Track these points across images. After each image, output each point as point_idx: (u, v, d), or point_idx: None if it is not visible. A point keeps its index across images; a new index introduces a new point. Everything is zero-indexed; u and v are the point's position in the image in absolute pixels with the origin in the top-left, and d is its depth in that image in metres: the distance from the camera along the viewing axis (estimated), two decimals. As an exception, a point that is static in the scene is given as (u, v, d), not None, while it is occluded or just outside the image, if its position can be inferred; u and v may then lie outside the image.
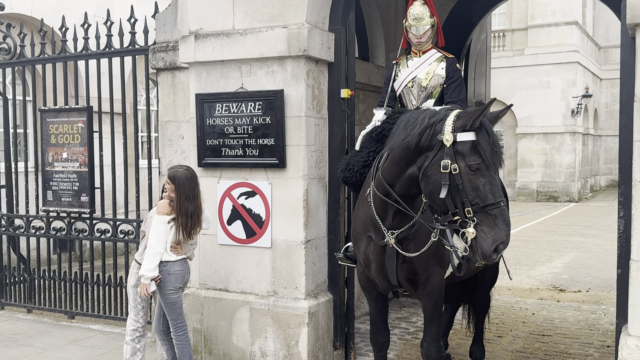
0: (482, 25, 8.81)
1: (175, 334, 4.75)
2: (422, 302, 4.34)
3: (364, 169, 4.50)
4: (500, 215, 3.42)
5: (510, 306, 7.77)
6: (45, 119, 7.08)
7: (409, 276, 4.23)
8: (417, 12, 4.72)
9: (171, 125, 6.11)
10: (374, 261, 4.28)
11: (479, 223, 3.42)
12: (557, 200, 25.77)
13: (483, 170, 3.47)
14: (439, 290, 4.27)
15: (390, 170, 3.95)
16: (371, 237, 4.27)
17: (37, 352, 6.00)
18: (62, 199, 7.02)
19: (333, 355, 5.53)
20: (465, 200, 3.45)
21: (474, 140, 3.47)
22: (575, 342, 6.24)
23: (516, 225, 16.38)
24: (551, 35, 26.09)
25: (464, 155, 3.49)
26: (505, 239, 3.42)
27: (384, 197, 4.02)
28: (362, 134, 4.75)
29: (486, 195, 3.44)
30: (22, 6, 10.42)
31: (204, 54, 5.47)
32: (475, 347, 5.48)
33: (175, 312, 4.75)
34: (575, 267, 11.04)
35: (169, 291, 4.69)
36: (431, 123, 3.64)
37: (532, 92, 25.98)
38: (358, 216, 4.43)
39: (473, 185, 3.47)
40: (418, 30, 4.74)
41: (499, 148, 3.51)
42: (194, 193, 4.63)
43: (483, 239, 3.41)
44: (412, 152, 3.72)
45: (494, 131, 3.54)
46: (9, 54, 7.48)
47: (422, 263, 4.13)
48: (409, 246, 4.10)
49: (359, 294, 6.61)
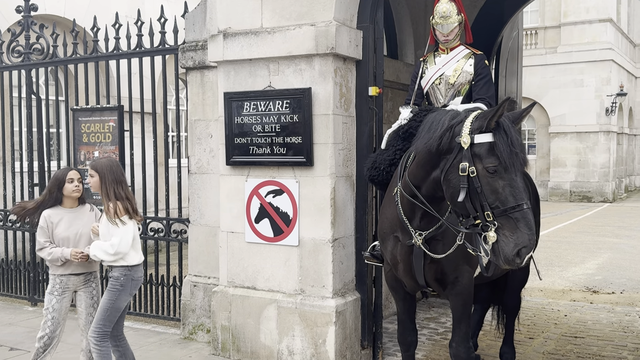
0: (513, 22, 8.68)
1: (101, 340, 4.44)
2: (451, 301, 4.28)
3: (390, 167, 4.47)
4: (522, 218, 3.32)
5: (542, 307, 7.64)
6: (78, 118, 7.19)
7: (437, 276, 4.19)
8: (444, 10, 4.66)
9: (200, 124, 6.15)
10: (402, 261, 4.24)
11: (501, 227, 3.35)
12: (590, 201, 25.32)
13: (501, 172, 3.38)
14: (468, 290, 4.21)
15: (416, 173, 3.92)
16: (398, 238, 4.23)
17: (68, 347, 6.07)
18: (94, 196, 7.10)
19: (361, 355, 5.50)
20: (484, 204, 3.39)
21: (491, 142, 3.41)
22: (609, 345, 6.11)
23: (549, 226, 16.14)
24: (585, 32, 25.65)
25: (481, 158, 3.43)
26: (528, 242, 3.31)
27: (411, 199, 3.98)
28: (388, 132, 4.72)
29: (506, 198, 3.36)
30: (55, 7, 10.61)
31: (233, 53, 5.49)
32: (505, 349, 5.40)
33: (112, 318, 4.47)
34: (609, 268, 10.82)
35: (124, 298, 4.48)
36: (451, 125, 3.60)
37: (565, 91, 25.57)
38: (385, 216, 4.39)
39: (492, 188, 3.40)
40: (445, 28, 4.68)
41: (519, 148, 3.40)
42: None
43: (505, 244, 3.33)
44: (435, 156, 3.68)
45: (514, 131, 3.43)
46: (42, 54, 7.62)
47: (450, 262, 4.08)
48: (436, 246, 4.05)
49: (387, 294, 6.56)
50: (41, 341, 4.61)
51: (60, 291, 4.58)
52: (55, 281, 4.57)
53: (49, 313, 4.58)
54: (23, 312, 7.47)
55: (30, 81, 7.73)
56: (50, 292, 4.59)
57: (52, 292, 4.58)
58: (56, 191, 4.54)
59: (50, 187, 4.59)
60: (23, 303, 7.81)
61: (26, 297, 7.83)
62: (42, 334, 4.61)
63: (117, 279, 4.43)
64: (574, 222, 18.12)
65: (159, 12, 6.59)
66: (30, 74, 7.73)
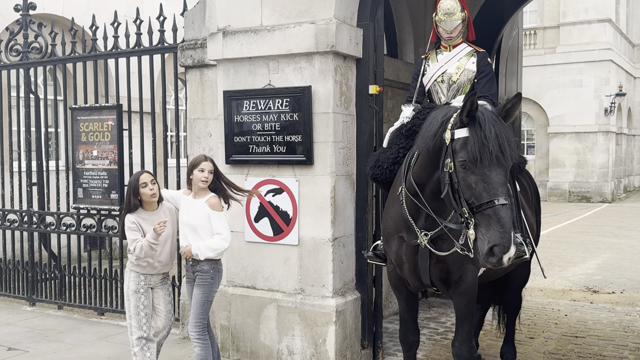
0: (513, 21, 8.66)
1: (203, 333, 4.65)
2: (455, 301, 4.24)
3: (393, 165, 4.45)
4: (494, 215, 3.25)
5: (543, 307, 7.62)
6: (76, 117, 7.16)
7: (442, 275, 4.15)
8: (448, 7, 4.63)
9: (199, 122, 6.12)
10: (407, 261, 4.20)
11: (478, 224, 3.31)
12: (589, 201, 25.32)
13: (472, 167, 3.34)
14: (472, 289, 4.18)
15: (420, 174, 3.90)
16: (403, 238, 4.19)
17: (67, 347, 6.05)
18: (93, 196, 7.09)
19: (361, 355, 5.48)
20: (462, 200, 3.37)
21: (466, 137, 3.38)
22: (610, 344, 6.09)
23: (548, 226, 16.12)
24: (584, 32, 25.65)
25: (456, 152, 3.42)
26: (500, 241, 3.21)
27: (415, 200, 3.96)
28: (390, 130, 4.70)
29: (480, 194, 3.31)
30: (53, 6, 10.57)
31: (232, 51, 5.46)
32: (506, 348, 5.37)
33: (208, 311, 4.67)
34: (609, 268, 10.80)
35: (215, 289, 4.65)
36: (442, 122, 3.59)
37: (564, 91, 25.57)
38: (389, 215, 4.36)
39: (466, 183, 3.37)
40: (448, 25, 4.65)
41: (493, 142, 3.29)
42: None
43: (480, 241, 3.29)
44: (434, 154, 3.66)
45: (494, 125, 3.34)
46: (40, 53, 7.58)
47: (455, 261, 4.04)
48: (442, 246, 4.00)
49: (387, 293, 6.54)
50: (141, 342, 4.62)
51: (146, 287, 4.64)
52: (140, 278, 4.61)
53: (141, 311, 4.62)
54: (21, 311, 7.44)
55: (28, 80, 7.69)
56: (136, 290, 4.61)
57: (138, 290, 4.61)
58: (133, 198, 4.55)
59: (127, 194, 4.60)
60: (21, 303, 7.78)
61: (24, 296, 7.79)
62: (141, 334, 4.62)
63: (207, 273, 4.53)
64: (573, 222, 18.11)
65: (158, 11, 6.55)
66: (29, 73, 7.70)
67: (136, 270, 4.60)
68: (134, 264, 4.58)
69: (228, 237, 4.51)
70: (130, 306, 4.63)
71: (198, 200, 4.54)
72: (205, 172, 4.49)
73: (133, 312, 4.61)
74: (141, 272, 4.60)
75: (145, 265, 4.57)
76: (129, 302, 4.64)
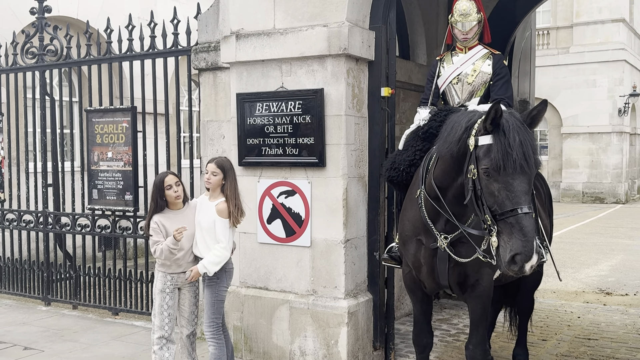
0: (526, 22, 8.64)
1: (217, 332, 4.72)
2: (470, 304, 4.23)
3: (410, 167, 4.44)
4: (516, 223, 3.24)
5: (555, 309, 7.60)
6: (91, 119, 7.23)
7: (460, 279, 4.15)
8: (464, 8, 4.63)
9: (212, 124, 6.17)
10: (425, 264, 4.20)
11: (500, 231, 3.31)
12: (603, 202, 25.15)
13: (495, 175, 3.32)
14: (487, 292, 4.17)
15: (442, 178, 3.88)
16: (421, 241, 4.18)
17: (82, 347, 6.12)
18: (107, 197, 7.15)
19: (373, 356, 5.50)
20: (485, 207, 3.36)
21: (490, 144, 3.37)
22: (623, 347, 6.07)
23: (561, 227, 16.05)
24: (597, 33, 25.48)
25: (479, 159, 3.41)
26: (522, 249, 3.20)
27: (435, 204, 3.95)
28: (406, 133, 4.70)
29: (503, 202, 3.30)
30: (68, 9, 10.67)
31: (245, 54, 5.51)
32: (518, 350, 5.37)
33: (221, 311, 4.74)
34: (623, 270, 10.74)
35: (223, 289, 4.71)
36: (467, 127, 3.58)
37: (578, 91, 25.42)
38: (407, 218, 4.33)
39: (489, 190, 3.36)
40: (464, 26, 4.65)
41: (517, 150, 3.27)
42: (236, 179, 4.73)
43: (503, 249, 3.29)
44: (457, 160, 3.64)
45: (518, 132, 3.31)
46: (56, 56, 7.67)
47: (473, 265, 4.02)
48: (461, 249, 3.99)
49: (399, 295, 6.56)
50: (161, 341, 4.67)
51: (172, 288, 4.68)
52: (166, 278, 4.66)
53: (164, 311, 4.66)
54: (37, 311, 7.53)
55: (44, 82, 7.78)
56: (162, 290, 4.66)
57: (164, 289, 4.66)
58: (159, 199, 4.63)
59: (153, 195, 4.67)
60: (37, 303, 7.87)
61: (40, 296, 7.88)
62: (162, 334, 4.67)
63: (211, 272, 4.57)
64: (587, 224, 18.00)
65: (172, 14, 6.61)
66: (44, 75, 7.78)
67: (162, 270, 4.67)
68: (160, 263, 4.66)
69: (229, 245, 4.57)
70: (155, 305, 4.70)
71: (211, 202, 4.60)
72: (208, 173, 4.57)
73: (157, 310, 4.68)
74: (167, 272, 4.65)
75: (170, 265, 4.62)
76: (155, 300, 4.72)
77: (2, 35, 8.32)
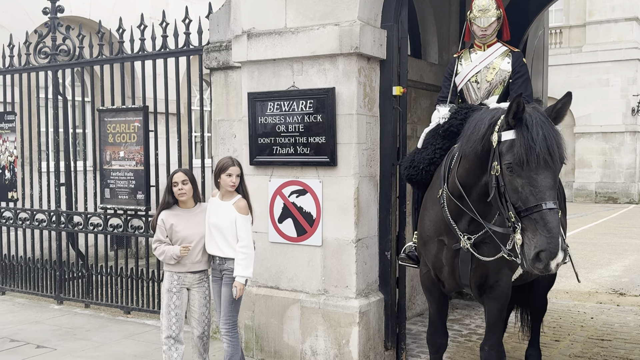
0: (539, 21, 8.59)
1: (232, 330, 4.70)
2: (487, 305, 4.17)
3: (429, 166, 4.40)
4: (540, 219, 3.16)
5: (568, 310, 7.55)
6: (103, 118, 7.26)
7: (481, 280, 4.10)
8: (483, 3, 4.60)
9: (224, 124, 6.18)
10: (447, 264, 4.15)
11: (525, 228, 3.24)
12: (616, 202, 24.98)
13: (518, 170, 3.26)
14: (506, 294, 4.14)
15: (466, 177, 3.82)
16: (443, 241, 4.13)
17: (94, 345, 6.15)
18: (119, 196, 7.18)
19: (384, 356, 5.48)
20: (509, 204, 3.30)
21: (513, 139, 3.31)
22: (637, 348, 6.01)
23: (574, 227, 15.94)
24: (610, 31, 25.33)
25: (502, 155, 3.36)
26: (547, 246, 3.12)
27: (459, 203, 3.89)
28: (425, 131, 4.65)
29: (527, 198, 3.23)
30: (80, 9, 10.73)
31: (256, 53, 5.50)
32: (531, 351, 5.33)
33: (238, 309, 4.71)
34: (636, 270, 10.65)
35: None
36: (490, 124, 3.53)
37: (591, 91, 25.27)
38: (428, 218, 4.28)
39: (512, 186, 3.30)
40: (483, 22, 4.61)
41: (541, 144, 3.21)
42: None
43: (527, 246, 3.22)
44: (481, 158, 3.59)
45: (542, 127, 3.25)
46: (68, 55, 7.71)
47: (494, 265, 3.98)
48: (484, 249, 3.94)
49: (410, 295, 6.54)
50: (169, 341, 4.67)
51: (179, 287, 4.66)
52: (173, 278, 4.65)
53: (171, 310, 4.64)
54: (49, 310, 7.57)
55: (56, 82, 7.82)
56: (169, 289, 4.66)
57: (171, 289, 4.65)
58: (167, 195, 4.64)
59: (165, 189, 4.69)
60: (49, 301, 7.91)
61: (52, 295, 7.92)
62: (169, 334, 4.66)
63: (232, 271, 4.55)
64: (600, 224, 17.88)
65: (184, 13, 6.63)
66: (57, 74, 7.83)
67: (168, 268, 4.67)
68: (165, 262, 4.67)
69: (250, 242, 4.55)
70: (163, 304, 4.70)
71: (225, 202, 4.58)
72: (232, 176, 4.53)
73: (164, 310, 4.67)
74: (173, 271, 4.65)
75: (175, 264, 4.62)
76: (162, 300, 4.71)
77: (15, 35, 8.36)
